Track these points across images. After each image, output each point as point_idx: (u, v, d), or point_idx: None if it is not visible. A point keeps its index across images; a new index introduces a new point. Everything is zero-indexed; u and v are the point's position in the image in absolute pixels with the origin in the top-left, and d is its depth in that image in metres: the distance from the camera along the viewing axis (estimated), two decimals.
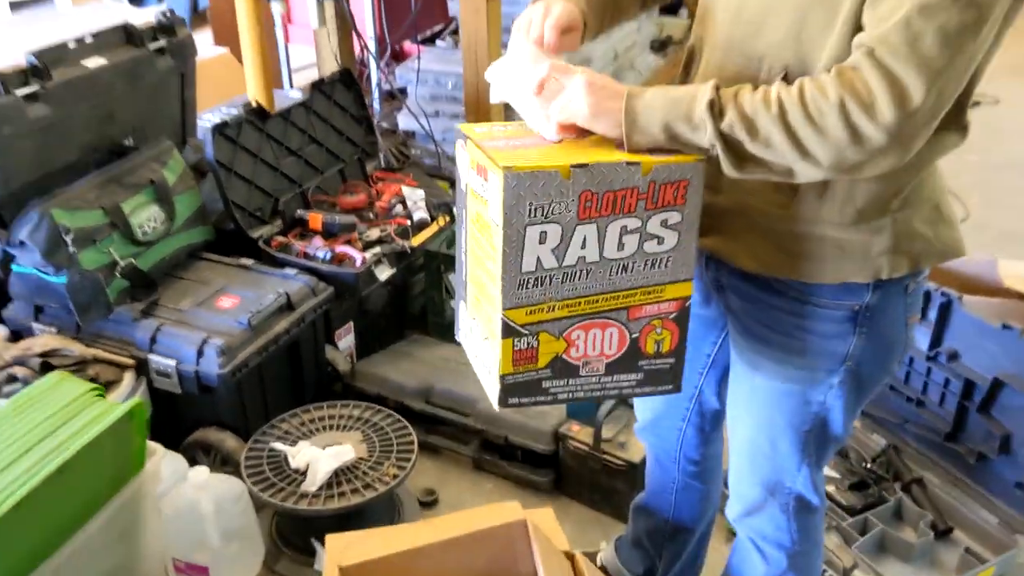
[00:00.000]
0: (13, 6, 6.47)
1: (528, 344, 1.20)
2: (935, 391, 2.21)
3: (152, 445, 1.79)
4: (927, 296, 2.18)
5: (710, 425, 1.67)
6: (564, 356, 1.23)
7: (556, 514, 1.57)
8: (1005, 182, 3.95)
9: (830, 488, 2.17)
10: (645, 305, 1.22)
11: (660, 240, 1.18)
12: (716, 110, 1.10)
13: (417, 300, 2.83)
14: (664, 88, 1.16)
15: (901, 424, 2.31)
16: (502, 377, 1.22)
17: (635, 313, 1.22)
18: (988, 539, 2.06)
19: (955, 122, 1.22)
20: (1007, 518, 2.08)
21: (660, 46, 4.44)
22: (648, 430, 1.77)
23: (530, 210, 1.11)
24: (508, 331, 1.19)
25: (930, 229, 1.29)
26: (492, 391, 1.26)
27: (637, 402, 1.78)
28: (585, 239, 1.15)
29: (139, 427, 1.69)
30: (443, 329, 2.71)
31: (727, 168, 1.13)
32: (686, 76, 1.36)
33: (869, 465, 2.25)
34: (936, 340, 2.18)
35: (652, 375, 1.28)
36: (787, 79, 1.14)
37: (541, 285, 1.17)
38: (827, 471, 2.24)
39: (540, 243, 1.14)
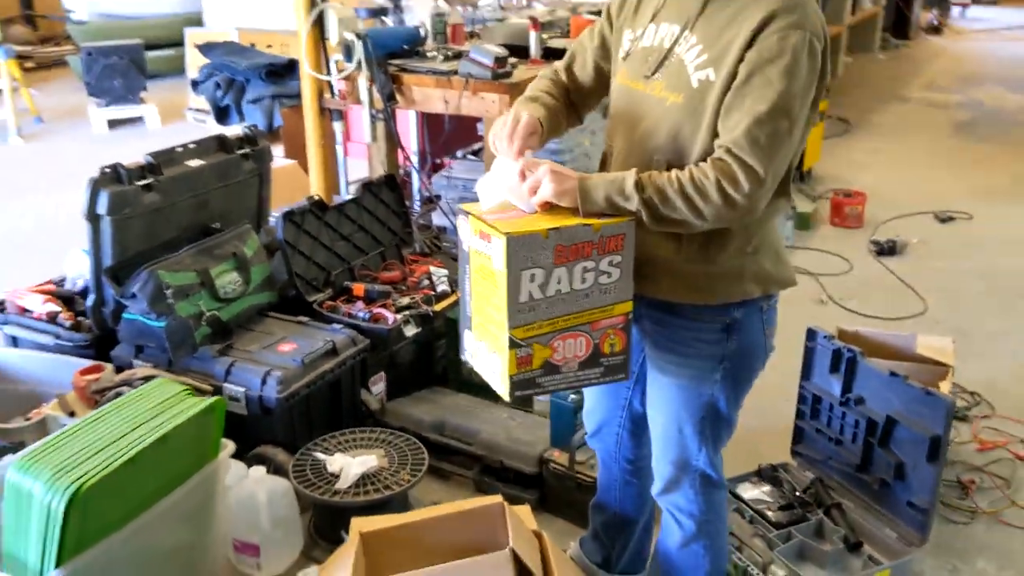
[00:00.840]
0: (111, 124, 7.41)
1: (526, 353, 1.72)
2: (848, 431, 2.72)
3: (224, 440, 2.38)
4: (838, 353, 2.71)
5: (640, 428, 2.21)
6: (550, 359, 1.75)
7: (540, 526, 2.10)
8: (965, 286, 4.43)
9: (763, 508, 2.67)
10: (602, 320, 1.76)
11: (609, 275, 1.72)
12: (639, 187, 1.67)
13: (440, 362, 3.42)
14: (602, 175, 1.75)
15: (825, 460, 2.81)
16: (510, 377, 1.71)
17: (596, 326, 1.76)
18: (888, 550, 2.52)
19: (783, 192, 1.82)
20: (904, 533, 2.55)
21: None
22: (595, 438, 2.31)
23: (523, 260, 1.66)
24: (512, 344, 1.69)
25: (773, 267, 1.88)
26: (502, 389, 1.76)
27: (585, 415, 2.33)
28: (560, 277, 1.69)
29: (218, 420, 2.28)
30: (461, 383, 3.29)
31: (648, 223, 1.70)
32: (603, 168, 1.98)
33: (798, 493, 2.74)
34: (846, 388, 2.70)
35: (609, 368, 1.80)
36: (669, 168, 1.75)
37: (533, 311, 1.70)
38: (762, 496, 2.75)
39: (530, 282, 1.67)
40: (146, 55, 7.37)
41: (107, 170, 2.88)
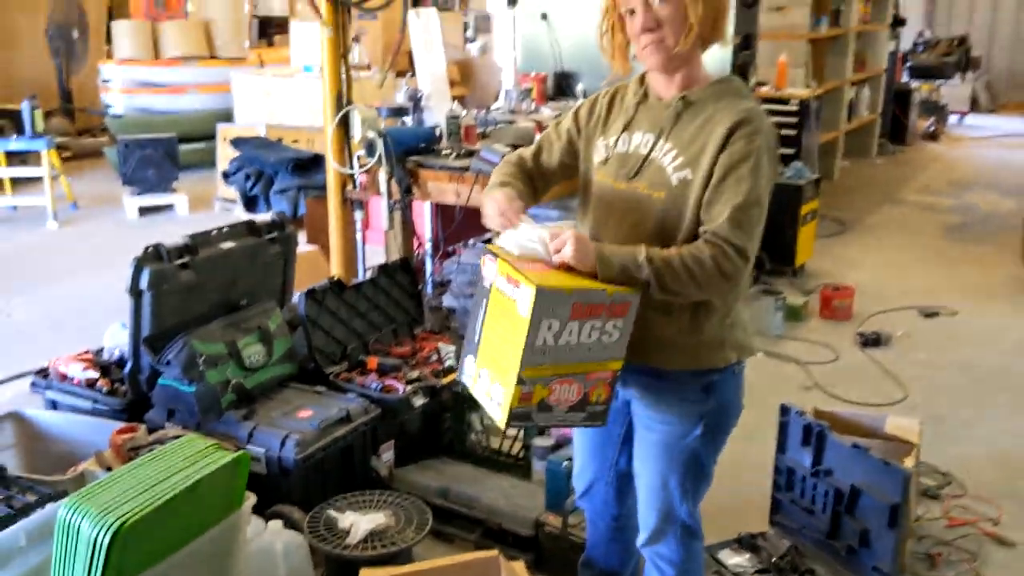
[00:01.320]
0: (142, 211, 7.82)
1: (528, 390, 1.91)
2: (819, 501, 2.94)
3: (247, 492, 2.63)
4: (808, 427, 2.96)
5: (624, 487, 2.45)
6: (546, 399, 1.97)
7: None
8: (946, 378, 4.67)
9: (743, 573, 2.88)
10: (596, 372, 2.00)
11: (611, 335, 1.97)
12: (649, 259, 1.93)
13: (446, 433, 3.66)
14: (617, 246, 2.00)
15: (800, 529, 3.02)
16: (511, 409, 1.91)
17: (590, 376, 2.00)
18: None
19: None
20: None
21: None
22: (584, 498, 2.55)
23: (545, 311, 1.86)
24: (520, 381, 1.88)
25: (745, 337, 2.19)
26: (499, 416, 1.94)
27: (575, 477, 2.57)
28: (571, 330, 1.93)
29: (243, 473, 2.54)
30: (465, 454, 3.53)
31: (654, 291, 1.95)
32: None
33: (775, 560, 2.95)
34: (816, 460, 2.94)
35: (592, 415, 2.05)
36: None
37: (543, 355, 1.89)
38: (742, 562, 2.97)
39: (547, 330, 1.86)
40: (179, 147, 7.84)
41: (149, 249, 3.20)
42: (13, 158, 7.95)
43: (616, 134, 2.17)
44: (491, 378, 2.00)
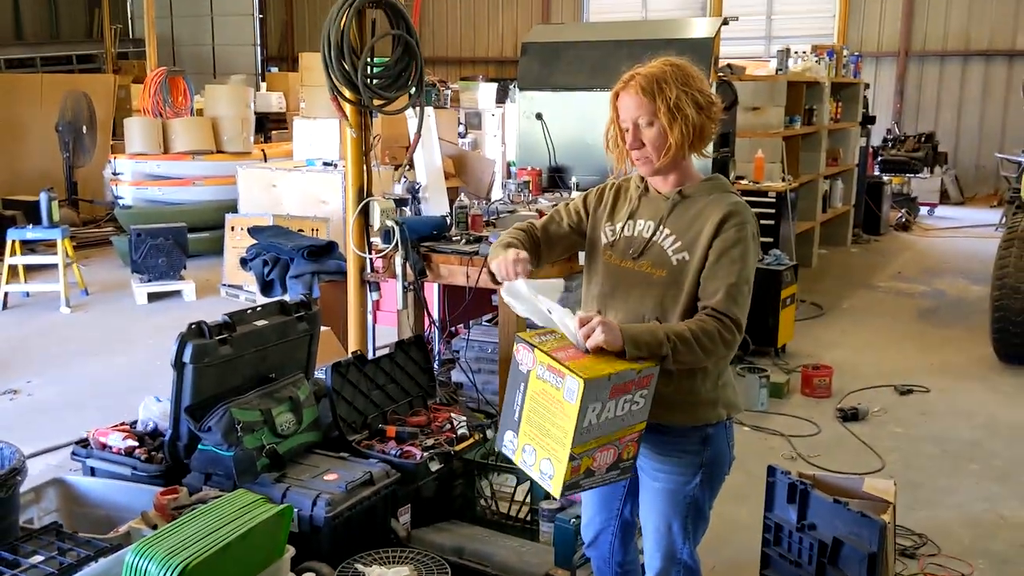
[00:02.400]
0: (151, 297, 8.12)
1: (577, 464, 2.18)
2: (805, 554, 3.23)
3: (288, 545, 2.89)
4: (793, 485, 3.26)
5: (627, 535, 2.74)
6: (591, 467, 2.22)
7: None
8: (920, 449, 4.99)
9: None
10: (626, 435, 2.29)
11: (638, 404, 2.27)
12: (667, 337, 2.24)
13: (458, 499, 3.93)
14: (636, 326, 2.28)
15: None
16: (564, 482, 2.17)
17: (621, 440, 2.29)
18: None
19: None
20: None
21: None
22: (591, 547, 2.83)
23: (592, 398, 2.11)
24: (571, 458, 2.16)
25: (734, 396, 2.54)
26: (552, 488, 2.20)
27: (583, 528, 2.84)
28: (610, 408, 2.17)
29: (286, 524, 2.81)
30: (476, 518, 3.79)
31: (669, 364, 2.24)
32: None
33: None
34: (801, 516, 3.23)
35: (623, 470, 2.34)
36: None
37: (589, 432, 2.15)
38: None
39: (592, 412, 2.13)
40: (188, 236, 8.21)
41: (193, 326, 3.51)
42: (24, 246, 8.26)
43: (623, 220, 2.53)
44: (538, 454, 2.25)
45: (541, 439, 2.24)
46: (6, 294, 7.91)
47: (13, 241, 7.98)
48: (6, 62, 16.87)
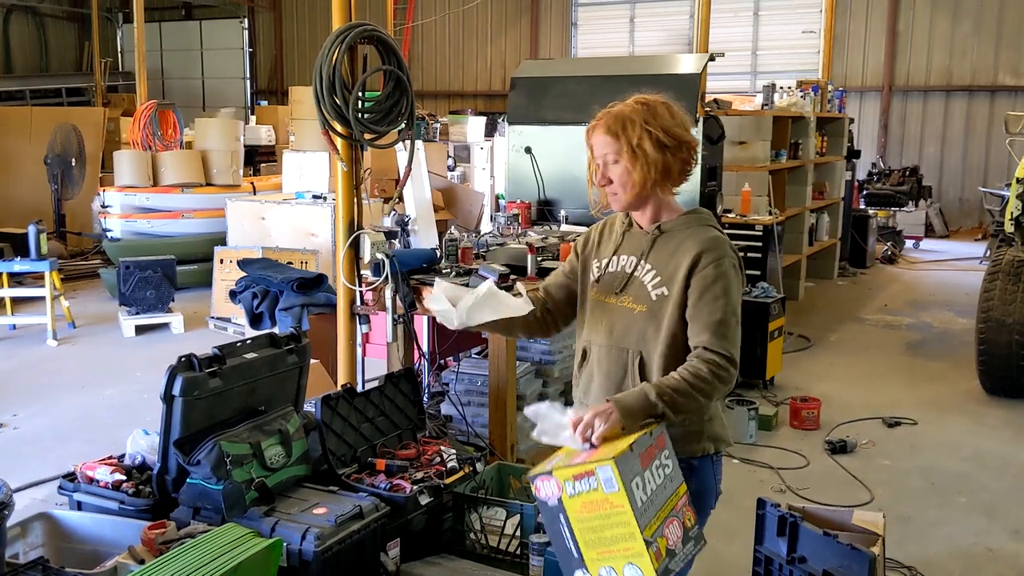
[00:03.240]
0: (138, 329, 8.10)
1: (656, 548, 2.09)
2: None
3: None
4: (783, 518, 3.27)
5: None
6: (668, 546, 2.14)
7: None
8: (908, 482, 5.01)
9: None
10: (678, 501, 2.24)
11: (667, 466, 2.23)
12: (660, 395, 2.25)
13: (447, 533, 3.92)
14: (627, 395, 2.27)
15: None
16: (655, 571, 2.08)
17: (676, 508, 2.20)
18: None
19: None
20: None
21: None
22: None
23: (629, 473, 2.07)
24: (647, 543, 2.07)
25: (721, 430, 2.55)
26: None
27: None
28: (648, 478, 2.13)
29: (275, 558, 2.80)
30: (465, 553, 3.77)
31: (671, 417, 2.26)
32: (583, 361, 2.62)
33: None
34: (791, 548, 3.23)
35: (695, 538, 2.24)
36: (642, 360, 2.43)
37: (647, 510, 2.10)
38: None
39: (638, 488, 2.09)
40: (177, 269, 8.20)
41: (183, 358, 3.51)
42: (11, 278, 8.23)
43: (607, 257, 2.58)
44: (617, 567, 2.13)
45: (611, 551, 2.13)
46: None
47: (0, 273, 7.95)
48: None
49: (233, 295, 5.87)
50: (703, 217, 2.54)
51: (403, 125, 4.52)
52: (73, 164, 11.31)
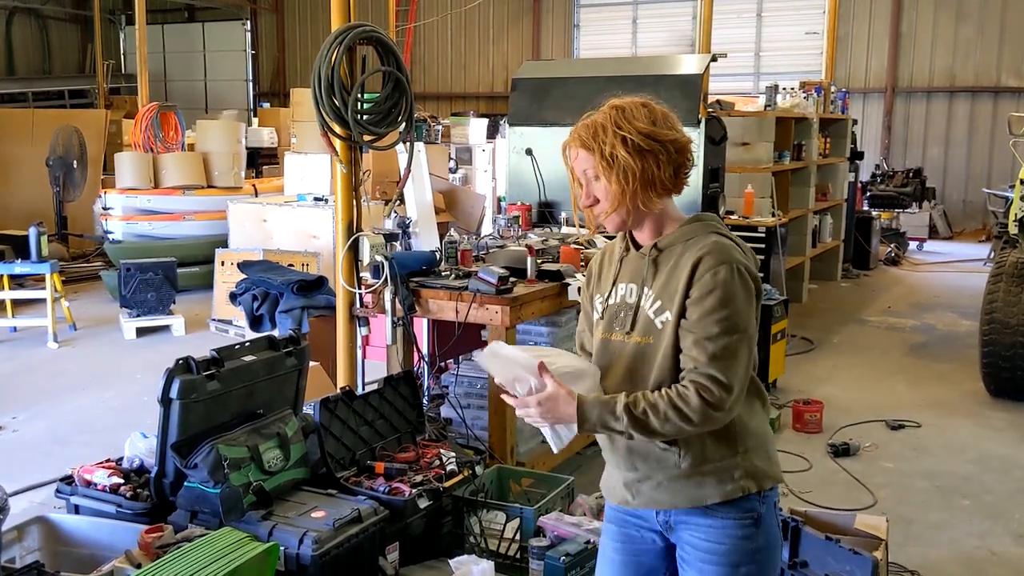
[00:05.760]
0: (139, 331, 8.08)
1: None
2: None
3: None
4: (785, 522, 3.24)
5: None
6: None
7: None
8: (912, 485, 4.96)
9: None
10: None
11: None
12: (630, 408, 2.02)
13: (446, 537, 3.89)
14: (598, 396, 2.08)
15: None
16: None
17: None
18: None
19: (757, 395, 2.22)
20: None
21: None
22: None
23: None
24: None
25: (764, 464, 2.19)
26: None
27: None
28: None
29: (272, 562, 2.78)
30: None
31: (640, 437, 2.04)
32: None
33: None
34: (793, 553, 3.21)
35: None
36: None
37: None
38: None
39: None
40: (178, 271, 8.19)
41: (180, 361, 3.49)
42: (11, 280, 8.22)
43: (608, 289, 2.28)
44: None
45: None
46: None
47: (1, 276, 7.94)
48: None
49: (233, 297, 5.85)
50: (704, 223, 2.22)
51: (403, 126, 4.50)
52: (75, 166, 11.30)
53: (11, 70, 19.87)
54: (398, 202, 4.82)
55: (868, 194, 14.08)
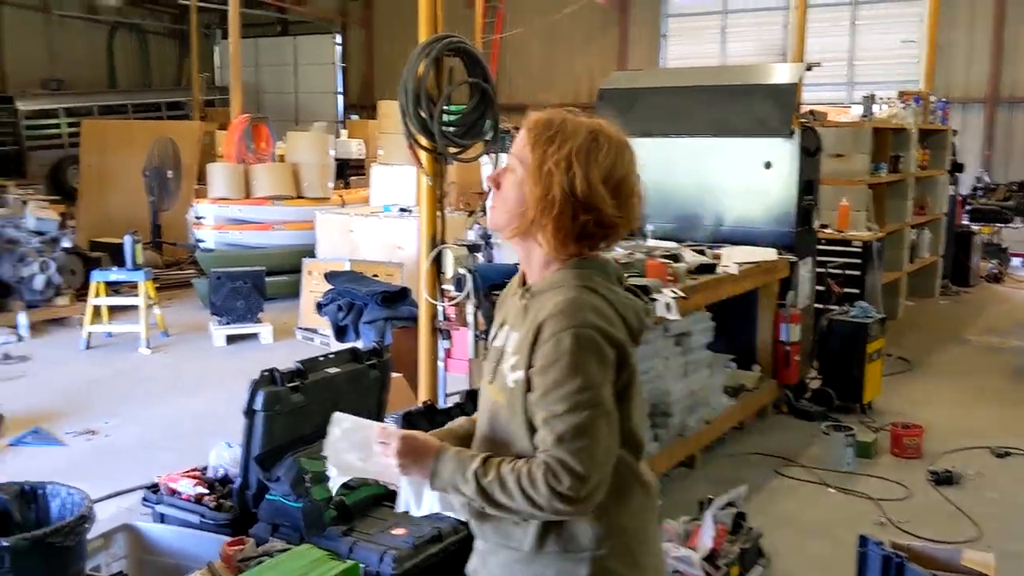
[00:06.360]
0: (229, 339, 8.23)
1: None
2: None
3: None
4: (888, 558, 3.06)
5: None
6: None
7: None
8: (1017, 516, 4.68)
9: None
10: None
11: None
12: (480, 473, 1.75)
13: None
14: (460, 452, 1.82)
15: None
16: None
17: None
18: None
19: (635, 482, 1.88)
20: None
21: (734, 392, 5.59)
22: None
23: None
24: None
25: (627, 572, 1.83)
26: None
27: None
28: None
29: None
30: None
31: (486, 507, 1.77)
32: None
33: None
34: None
35: None
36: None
37: None
38: None
39: None
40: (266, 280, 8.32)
41: (265, 373, 3.49)
42: (108, 287, 8.45)
43: (496, 329, 2.00)
44: None
45: None
46: (89, 334, 8.08)
47: (98, 282, 8.17)
48: (100, 108, 17.53)
49: (319, 307, 5.89)
50: (582, 271, 1.83)
51: (488, 138, 4.45)
52: (170, 176, 11.61)
53: (113, 83, 20.61)
54: (481, 213, 4.76)
55: (968, 208, 13.52)
